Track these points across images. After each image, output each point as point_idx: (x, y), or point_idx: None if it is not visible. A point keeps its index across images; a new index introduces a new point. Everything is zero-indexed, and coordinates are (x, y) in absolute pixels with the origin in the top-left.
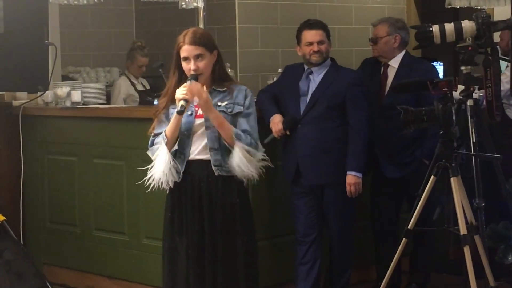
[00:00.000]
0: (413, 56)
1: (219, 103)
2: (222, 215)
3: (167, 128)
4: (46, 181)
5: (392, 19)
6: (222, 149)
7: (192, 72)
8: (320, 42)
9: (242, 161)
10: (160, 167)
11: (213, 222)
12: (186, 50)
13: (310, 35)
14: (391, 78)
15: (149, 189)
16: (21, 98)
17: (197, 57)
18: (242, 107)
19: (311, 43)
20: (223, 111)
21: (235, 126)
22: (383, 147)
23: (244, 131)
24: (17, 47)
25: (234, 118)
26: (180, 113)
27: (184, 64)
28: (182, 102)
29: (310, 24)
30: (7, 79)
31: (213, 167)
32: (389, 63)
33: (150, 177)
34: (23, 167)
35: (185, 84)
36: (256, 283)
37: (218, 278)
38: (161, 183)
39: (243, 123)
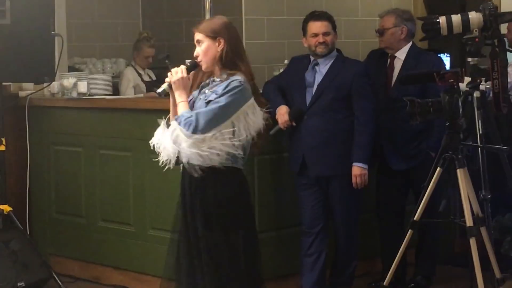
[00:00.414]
0: (419, 48)
1: (206, 91)
2: (202, 211)
3: None
4: (52, 172)
5: (399, 11)
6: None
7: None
8: (325, 34)
9: (168, 142)
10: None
11: (194, 217)
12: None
13: (316, 27)
14: (397, 69)
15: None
16: (28, 89)
17: (198, 42)
18: (215, 96)
19: (316, 34)
20: (201, 99)
21: None
22: (389, 139)
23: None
24: (23, 38)
25: (207, 105)
26: (159, 94)
27: None
28: (165, 86)
29: (316, 16)
30: (13, 70)
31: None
32: (395, 54)
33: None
34: (29, 157)
35: (177, 68)
36: (259, 276)
37: (207, 274)
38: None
39: (203, 107)
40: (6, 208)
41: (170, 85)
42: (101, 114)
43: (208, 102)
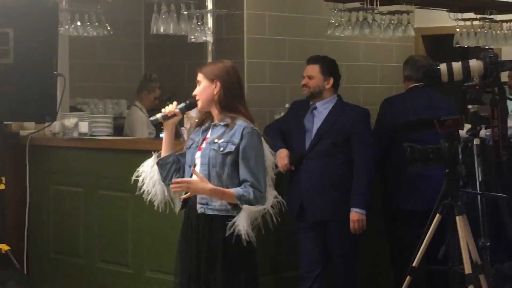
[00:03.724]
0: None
1: (216, 140)
2: (206, 254)
3: None
4: (51, 212)
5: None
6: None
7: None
8: (309, 77)
9: (246, 222)
10: (146, 172)
11: (198, 259)
12: None
13: (305, 69)
14: None
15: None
16: (29, 128)
17: (198, 83)
18: (234, 147)
19: (304, 77)
20: (214, 150)
21: (225, 165)
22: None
23: (244, 181)
24: (26, 77)
25: (225, 157)
26: (151, 122)
27: None
28: (159, 115)
29: (308, 59)
30: (15, 109)
31: (197, 204)
32: None
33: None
34: (29, 196)
35: (176, 105)
36: None
37: None
38: (150, 192)
39: (242, 169)
40: (4, 247)
41: (164, 117)
42: (101, 155)
43: (226, 154)
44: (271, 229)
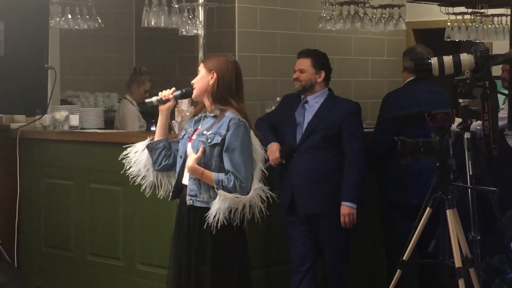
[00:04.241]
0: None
1: (204, 132)
2: (197, 246)
3: None
4: (42, 205)
5: None
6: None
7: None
8: (300, 70)
9: (221, 209)
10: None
11: (189, 252)
12: None
13: (296, 63)
14: None
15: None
16: (19, 121)
17: (198, 72)
18: (220, 138)
19: (295, 71)
20: (202, 141)
21: (213, 156)
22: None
23: (228, 172)
24: (16, 70)
25: (212, 148)
26: (146, 103)
27: None
28: (154, 99)
29: (299, 52)
30: (5, 102)
31: (187, 196)
32: None
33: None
34: (19, 190)
35: (173, 91)
36: None
37: None
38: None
39: (226, 161)
40: None
41: (159, 100)
42: (92, 148)
43: (213, 145)
44: (262, 222)
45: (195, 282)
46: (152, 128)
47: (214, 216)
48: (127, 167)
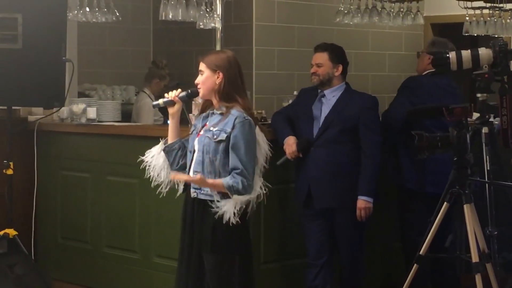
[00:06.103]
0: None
1: (211, 128)
2: (199, 236)
3: None
4: (59, 197)
5: None
6: (205, 173)
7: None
8: (318, 65)
9: (232, 211)
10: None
11: (191, 240)
12: None
13: (313, 57)
14: None
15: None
16: (37, 113)
17: (200, 72)
18: (225, 135)
19: (312, 65)
20: (208, 137)
21: (218, 152)
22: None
23: (233, 169)
24: (34, 62)
25: (217, 145)
26: (153, 106)
27: None
28: (160, 101)
29: (316, 46)
30: (23, 95)
31: (191, 188)
32: None
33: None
34: (37, 182)
35: (178, 93)
36: None
37: None
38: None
39: (232, 158)
40: (12, 232)
41: (166, 102)
42: (109, 141)
43: (219, 142)
44: (277, 216)
45: (197, 270)
46: (168, 122)
47: (226, 216)
48: (146, 175)
